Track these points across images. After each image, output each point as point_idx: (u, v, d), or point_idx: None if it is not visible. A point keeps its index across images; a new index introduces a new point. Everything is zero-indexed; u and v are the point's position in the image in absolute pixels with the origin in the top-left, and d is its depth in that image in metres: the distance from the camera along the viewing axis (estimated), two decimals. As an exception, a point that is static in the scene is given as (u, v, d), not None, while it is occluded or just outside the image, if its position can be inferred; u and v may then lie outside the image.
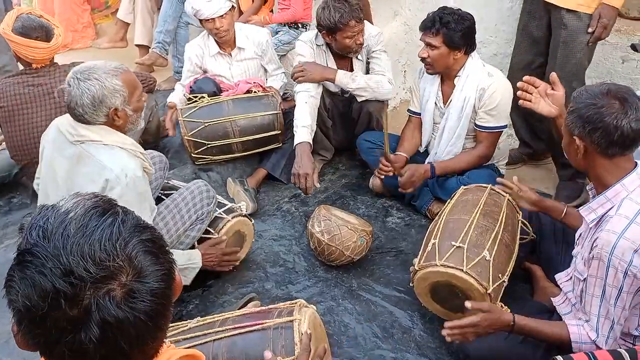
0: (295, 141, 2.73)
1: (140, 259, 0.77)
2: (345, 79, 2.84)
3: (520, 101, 1.98)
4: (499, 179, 2.22)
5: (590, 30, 2.55)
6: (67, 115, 1.90)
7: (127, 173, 1.81)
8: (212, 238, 2.29)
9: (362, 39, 2.80)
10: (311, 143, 2.75)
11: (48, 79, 2.62)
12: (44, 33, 2.58)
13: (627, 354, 1.44)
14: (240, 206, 2.49)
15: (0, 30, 2.54)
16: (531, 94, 1.95)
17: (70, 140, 1.85)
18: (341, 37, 2.76)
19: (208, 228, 2.31)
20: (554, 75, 1.94)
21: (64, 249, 0.74)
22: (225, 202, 2.46)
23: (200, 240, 2.30)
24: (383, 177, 2.68)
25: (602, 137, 1.50)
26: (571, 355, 1.48)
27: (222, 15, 2.92)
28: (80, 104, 1.76)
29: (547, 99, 1.94)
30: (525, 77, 1.97)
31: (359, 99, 2.90)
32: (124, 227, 0.78)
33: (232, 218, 2.35)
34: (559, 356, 1.49)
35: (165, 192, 2.39)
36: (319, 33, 2.89)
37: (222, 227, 2.32)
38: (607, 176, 1.57)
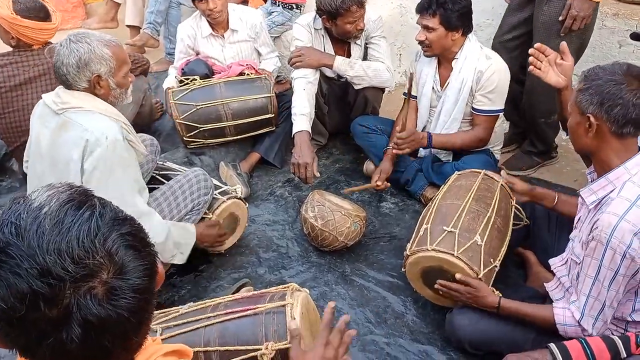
0: (294, 130, 2.69)
1: (120, 254, 0.73)
2: (343, 66, 2.80)
3: (530, 67, 1.95)
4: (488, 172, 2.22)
5: (560, 19, 2.51)
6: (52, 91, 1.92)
7: (107, 135, 1.80)
8: (207, 220, 2.27)
9: (363, 24, 2.74)
10: (310, 132, 2.71)
11: (44, 59, 2.56)
12: (44, 13, 2.53)
13: (619, 341, 1.44)
14: (235, 189, 2.47)
15: (2, 13, 2.47)
16: (541, 61, 1.92)
17: (54, 109, 1.85)
18: (342, 23, 2.70)
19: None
20: (564, 45, 1.91)
21: (39, 247, 0.69)
22: (221, 184, 2.44)
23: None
24: (400, 152, 2.59)
25: (620, 114, 1.49)
26: (564, 342, 1.49)
27: None
28: (65, 63, 1.79)
29: (555, 68, 1.91)
30: (537, 45, 1.94)
31: (356, 87, 2.86)
32: (102, 221, 0.74)
33: (227, 199, 2.33)
34: (552, 343, 1.49)
35: (162, 172, 2.36)
36: (317, 17, 2.83)
37: (217, 208, 2.30)
38: (613, 158, 1.56)
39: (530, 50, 1.94)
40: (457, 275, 1.80)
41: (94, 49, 1.80)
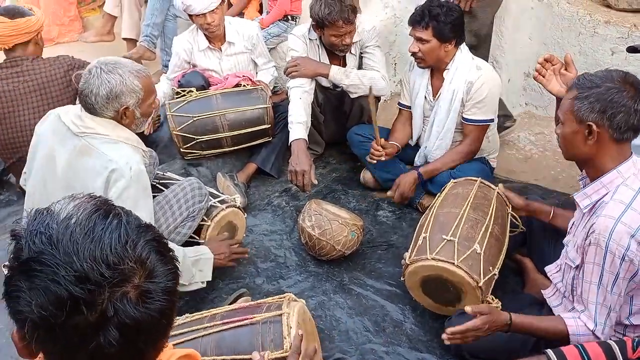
0: (291, 138, 2.70)
1: (151, 259, 0.77)
2: (339, 75, 2.82)
3: (535, 74, 1.96)
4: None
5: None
6: (70, 106, 1.91)
7: (131, 166, 1.81)
8: (206, 228, 2.27)
9: (350, 40, 2.75)
10: (307, 139, 2.72)
11: (34, 74, 2.56)
12: (18, 14, 2.51)
13: (616, 346, 1.44)
14: (234, 198, 2.48)
15: None
16: (546, 70, 1.93)
17: (74, 131, 1.85)
18: (328, 34, 2.73)
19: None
20: (568, 57, 1.92)
21: (75, 255, 0.72)
22: (219, 193, 2.45)
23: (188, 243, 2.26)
24: (375, 162, 2.64)
25: (623, 121, 1.50)
26: (561, 348, 1.49)
27: (213, 10, 2.87)
28: (95, 92, 1.78)
29: (559, 78, 1.92)
30: (546, 55, 1.95)
31: (352, 95, 2.88)
32: (129, 228, 0.78)
33: (226, 208, 2.34)
34: (549, 350, 1.49)
35: (161, 181, 2.37)
36: (311, 27, 2.86)
37: (216, 216, 2.30)
38: (609, 163, 1.57)
39: (539, 60, 1.95)
40: (467, 309, 1.65)
41: (125, 82, 1.79)
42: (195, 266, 2.04)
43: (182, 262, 1.94)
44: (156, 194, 2.24)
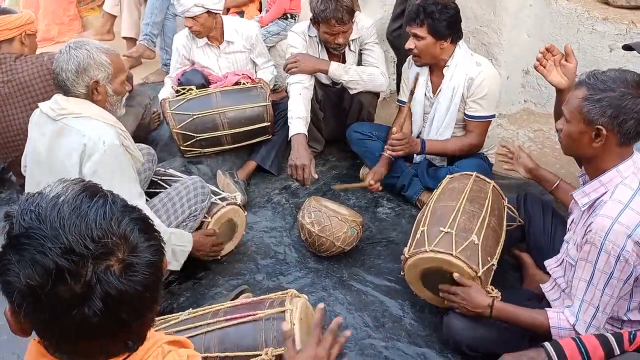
0: (291, 133, 2.71)
1: (134, 235, 0.81)
2: (338, 71, 2.83)
3: (536, 63, 1.96)
4: (501, 146, 2.24)
5: None
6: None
7: (104, 140, 1.83)
8: (206, 224, 2.30)
9: (343, 40, 2.75)
10: (307, 134, 2.73)
11: (15, 74, 2.55)
12: (1, 12, 2.54)
13: (612, 338, 1.46)
14: (235, 196, 2.49)
15: None
16: (547, 60, 1.94)
17: (52, 116, 1.88)
18: (322, 30, 2.74)
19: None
20: (568, 47, 1.92)
21: (61, 229, 0.76)
22: (220, 191, 2.47)
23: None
24: (394, 154, 2.60)
25: (633, 127, 1.49)
26: (559, 341, 1.50)
27: (193, 17, 2.89)
28: (65, 68, 1.83)
29: (559, 69, 1.92)
30: (548, 45, 1.95)
31: (352, 92, 2.89)
32: (115, 207, 0.82)
33: (227, 205, 2.36)
34: (547, 342, 1.50)
35: (162, 178, 2.38)
36: (311, 24, 2.87)
37: (216, 213, 2.32)
38: (610, 163, 1.57)
39: (541, 49, 1.95)
40: (455, 275, 1.82)
41: (92, 55, 1.84)
42: (174, 256, 2.07)
43: (166, 242, 1.96)
44: (159, 191, 2.26)
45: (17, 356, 1.99)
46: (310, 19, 2.81)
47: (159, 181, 2.35)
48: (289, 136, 2.72)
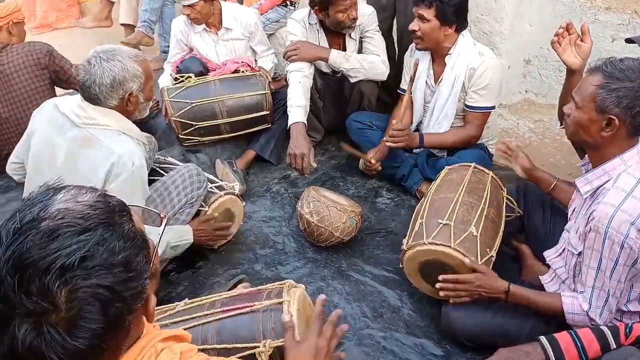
0: (290, 121, 2.69)
1: (82, 312, 0.71)
2: (339, 59, 2.80)
3: (554, 39, 1.92)
4: (501, 142, 2.20)
5: None
6: (67, 96, 1.91)
7: (134, 161, 1.82)
8: (203, 213, 2.29)
9: (356, 13, 2.74)
10: (306, 123, 2.71)
11: (6, 64, 2.50)
12: None
13: (609, 332, 1.46)
14: (233, 185, 2.48)
15: None
16: (564, 38, 1.90)
17: (75, 122, 1.84)
18: (333, 12, 2.70)
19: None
20: (585, 26, 1.89)
21: (16, 256, 0.70)
22: (218, 180, 2.45)
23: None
24: (394, 145, 2.60)
25: None
26: (554, 335, 1.50)
27: (191, 5, 2.87)
28: (99, 82, 1.78)
29: (574, 48, 1.89)
30: (568, 21, 1.91)
31: (352, 80, 2.87)
32: (89, 261, 0.72)
33: (225, 195, 2.35)
34: (542, 337, 1.50)
35: (162, 165, 2.38)
36: (311, 11, 2.84)
37: (214, 202, 2.31)
38: (615, 151, 1.56)
39: (562, 25, 1.91)
40: (466, 260, 1.78)
41: (127, 67, 1.80)
42: (173, 250, 2.09)
43: (162, 253, 1.99)
44: (155, 178, 2.25)
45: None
46: (314, 8, 2.77)
47: (157, 169, 2.34)
48: (288, 125, 2.69)
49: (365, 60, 2.82)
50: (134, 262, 0.78)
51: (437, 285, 1.83)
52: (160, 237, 0.93)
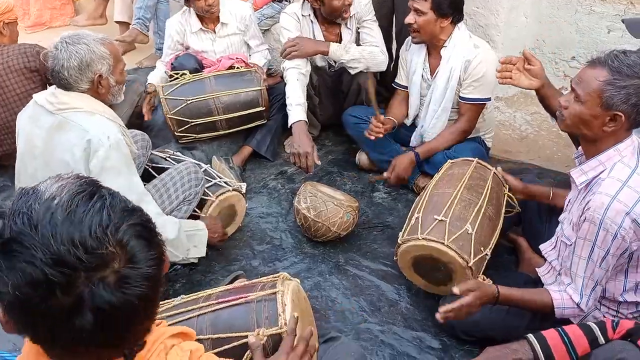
0: (291, 120, 2.67)
1: (132, 244, 0.76)
2: (339, 51, 2.79)
3: (501, 80, 1.98)
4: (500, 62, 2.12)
5: None
6: (45, 91, 1.90)
7: (109, 135, 1.81)
8: (209, 202, 2.31)
9: (351, 0, 2.73)
10: (307, 121, 2.70)
11: None
12: None
13: (596, 327, 1.45)
14: (241, 185, 2.50)
15: None
16: (510, 71, 1.96)
17: (50, 109, 1.84)
18: (329, 0, 2.70)
19: (207, 192, 2.33)
20: (526, 52, 1.94)
21: (53, 237, 0.71)
22: (226, 178, 2.48)
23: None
24: (374, 138, 2.62)
25: None
26: (542, 332, 1.49)
27: None
28: (66, 66, 1.78)
29: (526, 73, 1.94)
30: (502, 58, 1.98)
31: (352, 71, 2.86)
32: (112, 211, 0.76)
33: (232, 190, 2.38)
34: (530, 334, 1.50)
35: (157, 165, 2.38)
36: (305, 3, 2.82)
37: (221, 194, 2.34)
38: (610, 143, 1.55)
39: (497, 68, 1.98)
40: (454, 289, 1.64)
41: (92, 49, 1.80)
42: (191, 241, 2.07)
43: (177, 236, 1.97)
44: (152, 172, 2.25)
45: (13, 344, 1.99)
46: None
47: (149, 169, 2.34)
48: (289, 124, 2.68)
49: (364, 51, 2.82)
50: (146, 215, 0.82)
51: (437, 316, 1.67)
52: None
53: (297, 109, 2.68)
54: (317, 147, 3.14)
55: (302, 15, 2.88)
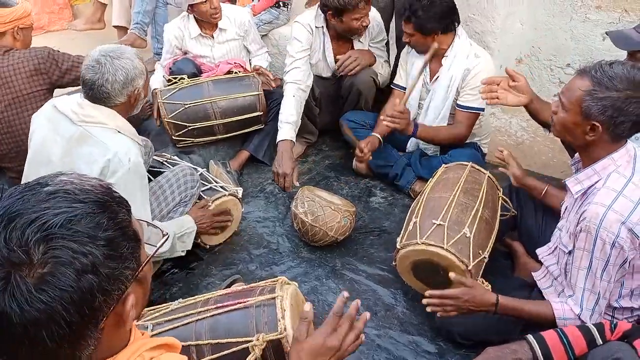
0: (278, 137, 2.69)
1: (54, 272, 0.69)
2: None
3: (488, 101, 2.02)
4: (498, 150, 2.17)
5: None
6: (65, 96, 1.91)
7: (130, 157, 1.81)
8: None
9: (368, 20, 2.75)
10: (294, 140, 2.72)
11: (5, 67, 2.47)
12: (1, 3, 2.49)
13: (594, 328, 1.47)
14: (237, 190, 2.51)
15: None
16: (495, 91, 1.99)
17: (73, 119, 1.84)
18: (348, 19, 2.70)
19: (203, 197, 2.34)
20: (508, 70, 1.98)
21: (9, 209, 0.71)
22: (223, 183, 2.49)
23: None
24: (392, 126, 2.54)
25: (627, 128, 1.49)
26: (541, 333, 1.50)
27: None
28: (112, 80, 1.79)
29: (512, 90, 1.97)
30: (483, 80, 2.02)
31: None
32: (74, 225, 0.72)
33: (229, 195, 2.38)
34: (530, 335, 1.51)
35: (154, 169, 2.39)
36: (318, 14, 2.83)
37: (218, 199, 2.34)
38: (603, 152, 1.57)
39: (482, 94, 2.03)
40: (451, 275, 1.71)
41: (135, 64, 1.83)
42: (180, 239, 2.09)
43: (171, 247, 2.01)
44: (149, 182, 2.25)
45: None
46: (328, 14, 2.75)
47: (154, 169, 2.35)
48: (276, 141, 2.70)
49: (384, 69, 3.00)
50: (119, 245, 0.76)
51: (424, 301, 1.74)
52: (160, 245, 0.91)
53: (286, 127, 2.70)
54: (314, 152, 3.19)
55: (316, 26, 2.88)
